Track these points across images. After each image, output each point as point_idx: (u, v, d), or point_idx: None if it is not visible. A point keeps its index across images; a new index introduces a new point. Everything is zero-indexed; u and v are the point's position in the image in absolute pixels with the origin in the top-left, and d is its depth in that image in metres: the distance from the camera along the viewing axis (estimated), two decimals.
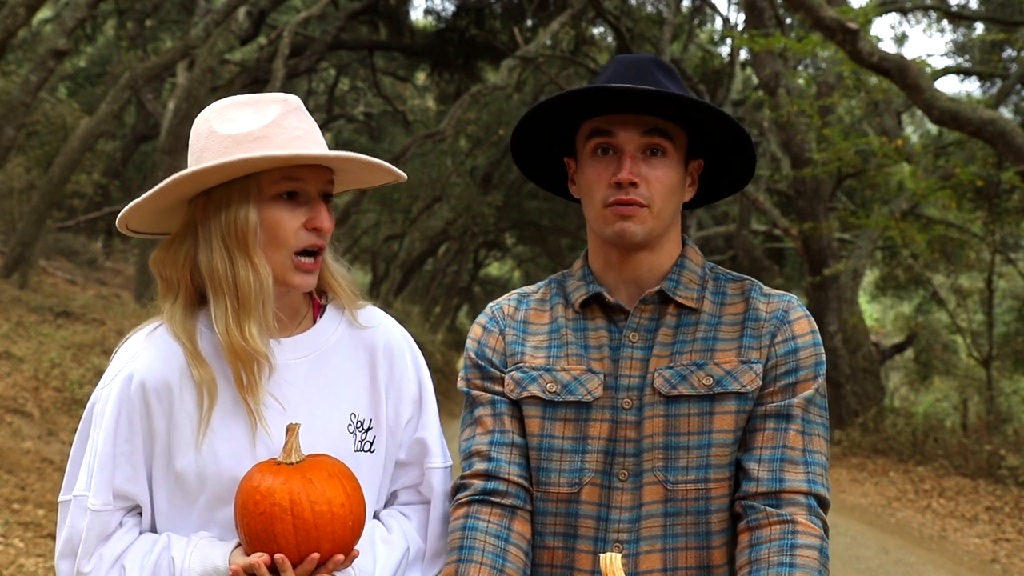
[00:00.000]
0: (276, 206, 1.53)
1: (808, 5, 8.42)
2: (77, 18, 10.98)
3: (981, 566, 7.03)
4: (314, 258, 1.57)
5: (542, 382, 1.63)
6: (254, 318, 1.53)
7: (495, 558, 1.55)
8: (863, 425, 12.29)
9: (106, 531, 1.54)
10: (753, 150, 1.66)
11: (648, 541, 1.56)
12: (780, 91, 13.03)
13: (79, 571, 1.53)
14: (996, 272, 13.55)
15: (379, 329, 1.72)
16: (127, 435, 1.55)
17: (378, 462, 1.67)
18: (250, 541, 1.46)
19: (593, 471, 1.59)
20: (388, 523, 1.69)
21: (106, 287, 15.29)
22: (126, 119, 19.44)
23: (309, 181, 1.55)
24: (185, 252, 1.58)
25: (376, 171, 1.64)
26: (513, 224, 25.12)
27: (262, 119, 1.55)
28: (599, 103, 1.59)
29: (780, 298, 1.64)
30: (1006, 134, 7.98)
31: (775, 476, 1.53)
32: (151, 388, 1.55)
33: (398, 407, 1.70)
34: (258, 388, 1.55)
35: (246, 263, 1.52)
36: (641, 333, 1.62)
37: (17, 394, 7.72)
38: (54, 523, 5.68)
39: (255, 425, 1.55)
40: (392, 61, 22.08)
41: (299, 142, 1.54)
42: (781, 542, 1.48)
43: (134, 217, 1.59)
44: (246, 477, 1.49)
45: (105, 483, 1.53)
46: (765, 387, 1.58)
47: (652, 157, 1.59)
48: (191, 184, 1.52)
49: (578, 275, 1.70)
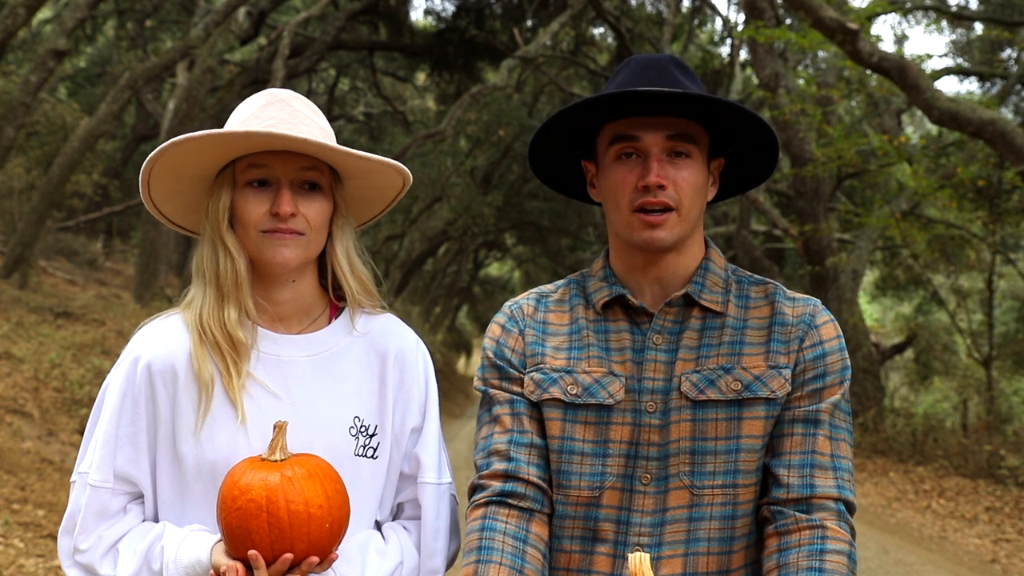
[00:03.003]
0: (245, 193, 1.58)
1: (808, 5, 8.42)
2: (77, 18, 10.98)
3: (981, 566, 7.03)
4: (283, 235, 1.57)
5: (563, 384, 1.61)
6: (232, 303, 1.57)
7: (514, 559, 1.54)
8: (863, 425, 12.29)
9: (106, 510, 1.55)
10: (778, 146, 1.66)
11: (671, 546, 1.55)
12: (780, 91, 13.03)
13: (76, 547, 1.55)
14: (996, 272, 13.55)
15: (392, 336, 1.71)
16: (131, 416, 1.57)
17: (380, 469, 1.66)
18: (227, 536, 1.45)
19: (614, 475, 1.57)
20: (387, 535, 1.67)
21: (106, 287, 15.29)
22: (126, 119, 19.43)
23: (276, 168, 1.57)
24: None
25: (380, 172, 1.64)
26: (513, 224, 25.10)
27: (244, 112, 1.62)
28: (623, 107, 1.57)
29: (805, 302, 1.63)
30: (1006, 134, 7.98)
31: (806, 482, 1.53)
32: (157, 371, 1.57)
33: (405, 416, 1.69)
34: (235, 375, 1.56)
35: (224, 249, 1.58)
36: (665, 336, 1.61)
37: (17, 394, 7.72)
38: (54, 523, 5.69)
39: (240, 414, 1.56)
40: (392, 61, 22.08)
41: (270, 131, 1.54)
42: (811, 547, 1.48)
43: (156, 204, 1.66)
44: (230, 471, 1.49)
45: (106, 461, 1.56)
46: (793, 392, 1.57)
47: (677, 159, 1.58)
48: (170, 171, 1.59)
49: (599, 276, 1.69)
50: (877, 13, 10.08)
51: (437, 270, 28.70)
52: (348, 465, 1.57)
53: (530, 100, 20.98)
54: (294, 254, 1.58)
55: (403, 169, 1.65)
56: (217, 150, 1.55)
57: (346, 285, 1.67)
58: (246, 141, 1.54)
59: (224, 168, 1.60)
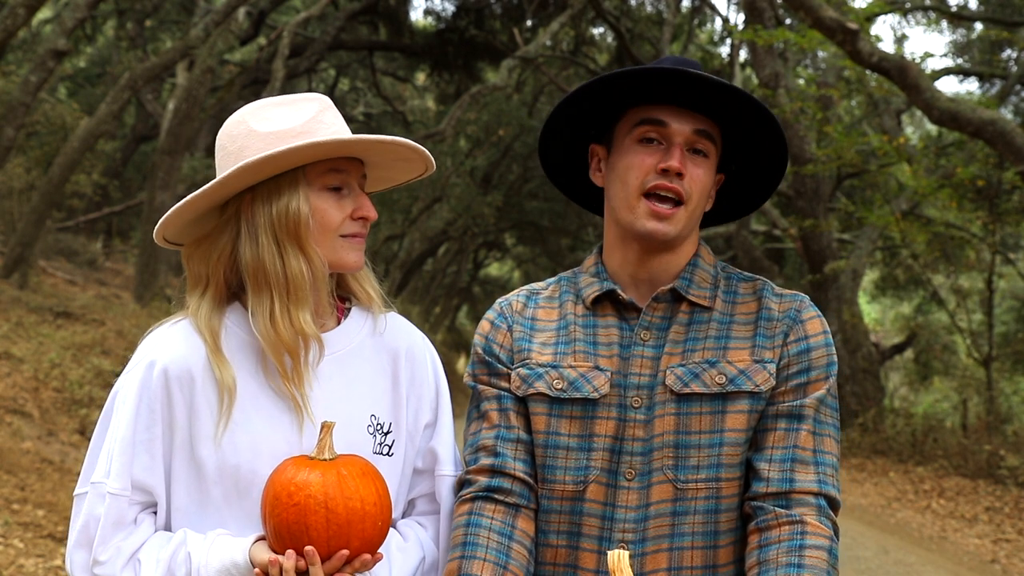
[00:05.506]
0: (324, 197, 1.58)
1: (808, 5, 8.42)
2: (77, 18, 10.98)
3: (981, 566, 7.03)
4: (361, 239, 1.63)
5: (548, 379, 1.62)
6: (306, 306, 1.56)
7: (499, 555, 1.55)
8: (863, 425, 12.29)
9: (123, 519, 1.53)
10: (785, 165, 1.67)
11: (655, 541, 1.55)
12: (780, 90, 13.03)
13: (95, 560, 1.51)
14: (996, 272, 13.54)
15: (401, 335, 1.73)
16: (147, 423, 1.55)
17: (396, 467, 1.66)
18: (279, 533, 1.45)
19: (598, 469, 1.58)
20: (404, 532, 1.68)
21: (106, 287, 15.28)
22: (126, 119, 19.44)
23: (351, 173, 1.60)
24: (221, 248, 1.59)
25: (408, 164, 1.67)
26: (513, 224, 25.10)
27: (302, 116, 1.58)
28: (656, 88, 1.58)
29: (792, 298, 1.64)
30: (1006, 134, 7.98)
31: (785, 476, 1.53)
32: (173, 376, 1.55)
33: (418, 412, 1.70)
34: (302, 378, 1.57)
35: (298, 253, 1.55)
36: (653, 331, 1.62)
37: (17, 394, 7.72)
38: (54, 523, 5.69)
39: (300, 414, 1.56)
40: (392, 61, 22.08)
41: (340, 136, 1.57)
42: (790, 543, 1.48)
43: (175, 222, 1.59)
44: (278, 470, 1.49)
45: (124, 468, 1.53)
46: (777, 387, 1.57)
47: (695, 156, 1.60)
48: (249, 176, 1.54)
49: (591, 272, 1.70)
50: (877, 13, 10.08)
51: (437, 270, 28.70)
52: None
53: (530, 100, 20.98)
54: (363, 256, 1.63)
55: (433, 166, 1.70)
56: (313, 150, 1.54)
57: (361, 288, 1.70)
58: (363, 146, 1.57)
59: (282, 173, 1.56)
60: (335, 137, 1.54)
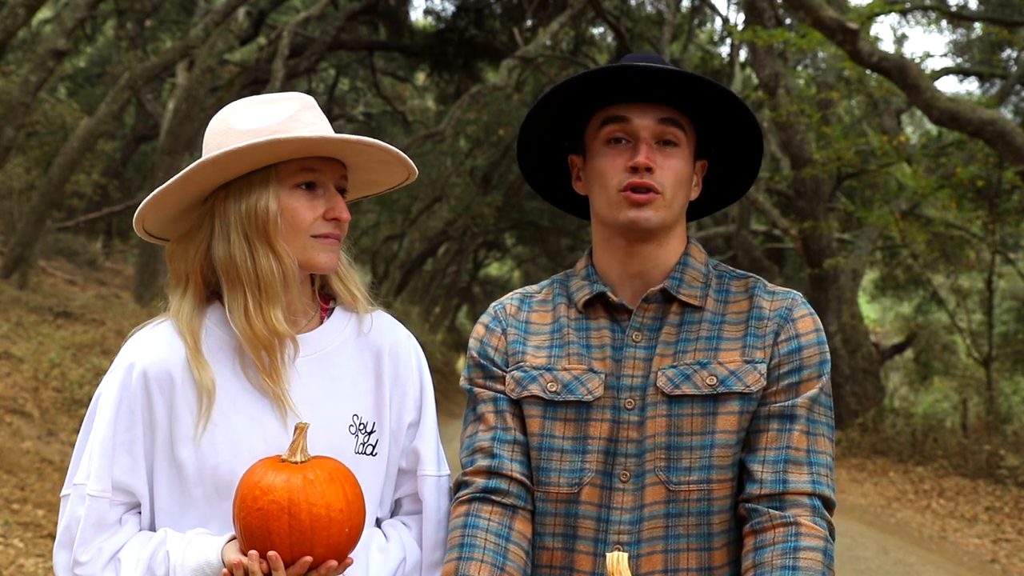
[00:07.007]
0: (295, 195, 1.57)
1: (808, 5, 8.42)
2: (77, 18, 10.98)
3: (981, 566, 7.03)
4: (335, 239, 1.60)
5: (542, 381, 1.62)
6: (277, 303, 1.55)
7: (496, 556, 1.55)
8: (863, 425, 12.29)
9: (104, 520, 1.54)
10: (761, 143, 1.67)
11: (650, 543, 1.54)
12: (780, 91, 13.03)
13: (76, 560, 1.53)
14: (996, 272, 13.55)
15: (386, 333, 1.72)
16: (127, 424, 1.55)
17: (380, 466, 1.66)
18: (245, 536, 1.45)
19: (593, 471, 1.57)
20: (387, 532, 1.68)
21: (106, 287, 15.29)
22: (126, 119, 19.43)
23: (326, 173, 1.58)
24: (197, 245, 1.60)
25: (389, 167, 1.66)
26: (513, 224, 25.11)
27: (280, 114, 1.57)
28: (614, 87, 1.59)
29: (784, 296, 1.63)
30: (1006, 134, 7.98)
31: (779, 478, 1.52)
32: (153, 378, 1.55)
33: (401, 411, 1.69)
34: (281, 374, 1.56)
35: (267, 251, 1.54)
36: (644, 333, 1.61)
37: (17, 394, 7.72)
38: (54, 523, 5.69)
39: (283, 412, 1.56)
40: (392, 61, 22.08)
41: (303, 134, 1.55)
42: (784, 545, 1.47)
43: (151, 214, 1.60)
44: (249, 471, 1.48)
45: (104, 470, 1.53)
46: (769, 387, 1.56)
47: (665, 147, 1.60)
48: (214, 170, 1.53)
49: (582, 274, 1.70)
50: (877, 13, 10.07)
51: (437, 270, 28.70)
52: (349, 464, 1.57)
53: (530, 100, 20.95)
54: (336, 257, 1.62)
55: (415, 173, 1.69)
56: (273, 147, 1.53)
57: (345, 286, 1.69)
58: (333, 146, 1.55)
59: (254, 171, 1.56)
60: (300, 134, 1.52)
